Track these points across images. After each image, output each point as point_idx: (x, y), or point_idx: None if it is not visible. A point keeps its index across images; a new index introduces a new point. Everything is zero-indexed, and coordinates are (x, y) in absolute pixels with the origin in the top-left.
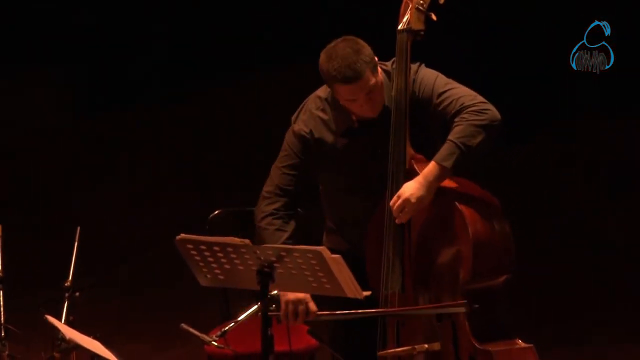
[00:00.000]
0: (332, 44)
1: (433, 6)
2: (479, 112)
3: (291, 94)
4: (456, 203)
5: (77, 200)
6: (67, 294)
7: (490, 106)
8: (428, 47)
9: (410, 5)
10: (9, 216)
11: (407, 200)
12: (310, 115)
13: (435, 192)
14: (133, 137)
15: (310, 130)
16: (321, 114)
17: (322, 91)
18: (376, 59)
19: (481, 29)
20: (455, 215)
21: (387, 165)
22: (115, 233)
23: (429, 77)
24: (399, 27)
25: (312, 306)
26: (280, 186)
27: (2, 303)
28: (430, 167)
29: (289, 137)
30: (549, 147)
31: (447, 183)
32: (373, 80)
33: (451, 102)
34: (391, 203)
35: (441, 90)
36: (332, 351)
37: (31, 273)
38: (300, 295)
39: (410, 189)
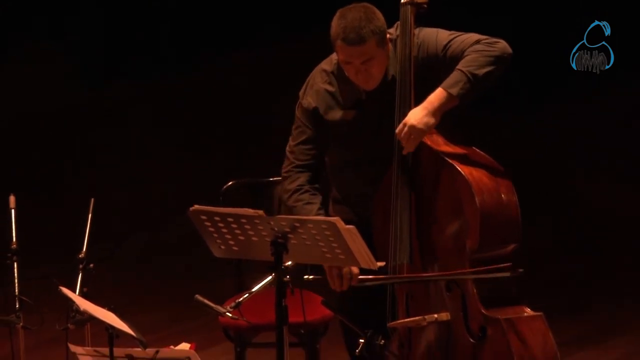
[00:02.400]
0: (350, 5)
1: None
2: (490, 43)
3: (302, 65)
4: (463, 173)
5: (91, 171)
6: (81, 266)
7: (501, 39)
8: None
9: None
10: (23, 187)
11: (412, 127)
12: (317, 90)
13: (442, 162)
14: (145, 108)
15: (318, 106)
16: (328, 87)
17: (327, 64)
18: (388, 35)
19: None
20: (462, 185)
21: (394, 136)
22: (129, 204)
23: (429, 34)
24: (402, 0)
25: (355, 269)
26: (298, 163)
27: (16, 275)
28: (437, 93)
29: (299, 113)
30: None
31: (454, 152)
32: (375, 51)
33: (460, 43)
34: (397, 131)
35: (446, 41)
36: (346, 322)
37: (45, 244)
38: None
39: (415, 115)
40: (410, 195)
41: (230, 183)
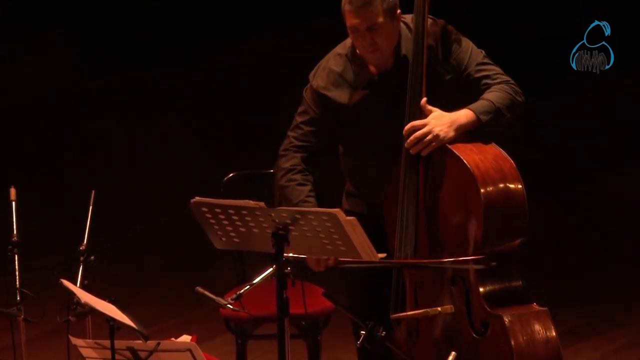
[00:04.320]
0: None
1: None
2: (517, 92)
3: (306, 55)
4: (468, 165)
5: (91, 161)
6: (82, 258)
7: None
8: None
9: None
10: (23, 179)
11: (437, 137)
12: (329, 72)
13: (449, 153)
14: (146, 99)
15: (328, 86)
16: (340, 70)
17: (341, 48)
18: (399, 11)
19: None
20: (467, 177)
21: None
22: (129, 195)
23: (465, 43)
24: None
25: None
26: (296, 143)
27: (17, 267)
28: (466, 113)
29: (306, 94)
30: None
31: (462, 143)
32: (381, 18)
33: (491, 74)
34: (419, 134)
35: (480, 61)
36: (348, 313)
37: (46, 237)
38: None
39: (440, 122)
40: (417, 188)
41: (231, 175)
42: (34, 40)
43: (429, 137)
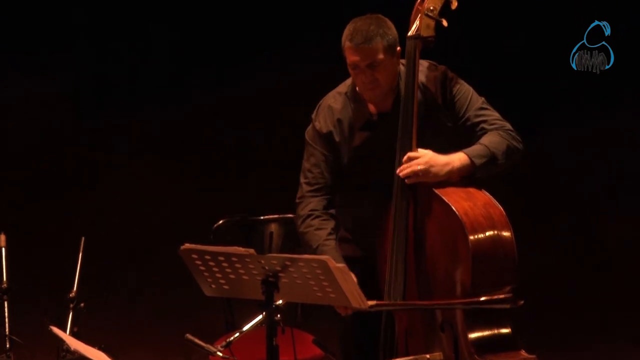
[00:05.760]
0: (364, 15)
1: (444, 12)
2: (516, 139)
3: (298, 97)
4: (457, 213)
5: (81, 205)
6: (71, 305)
7: (520, 140)
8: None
9: (421, 12)
10: (13, 225)
11: (425, 163)
12: (329, 111)
13: (438, 200)
14: (137, 140)
15: (331, 130)
16: (340, 108)
17: (342, 87)
18: (399, 48)
19: (481, 28)
20: (455, 224)
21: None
22: (119, 239)
23: (466, 92)
24: (409, 34)
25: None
26: (309, 188)
27: (7, 314)
28: (460, 157)
29: (310, 135)
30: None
31: (452, 190)
32: (381, 55)
33: (489, 119)
34: (408, 157)
35: (479, 106)
36: None
37: (36, 283)
38: None
39: (435, 160)
40: (407, 233)
41: (221, 222)
42: (18, 84)
43: (421, 167)
